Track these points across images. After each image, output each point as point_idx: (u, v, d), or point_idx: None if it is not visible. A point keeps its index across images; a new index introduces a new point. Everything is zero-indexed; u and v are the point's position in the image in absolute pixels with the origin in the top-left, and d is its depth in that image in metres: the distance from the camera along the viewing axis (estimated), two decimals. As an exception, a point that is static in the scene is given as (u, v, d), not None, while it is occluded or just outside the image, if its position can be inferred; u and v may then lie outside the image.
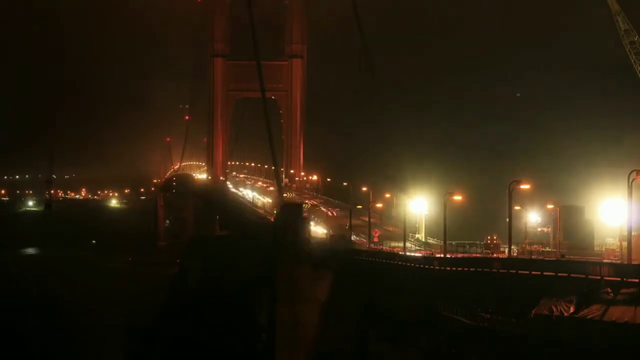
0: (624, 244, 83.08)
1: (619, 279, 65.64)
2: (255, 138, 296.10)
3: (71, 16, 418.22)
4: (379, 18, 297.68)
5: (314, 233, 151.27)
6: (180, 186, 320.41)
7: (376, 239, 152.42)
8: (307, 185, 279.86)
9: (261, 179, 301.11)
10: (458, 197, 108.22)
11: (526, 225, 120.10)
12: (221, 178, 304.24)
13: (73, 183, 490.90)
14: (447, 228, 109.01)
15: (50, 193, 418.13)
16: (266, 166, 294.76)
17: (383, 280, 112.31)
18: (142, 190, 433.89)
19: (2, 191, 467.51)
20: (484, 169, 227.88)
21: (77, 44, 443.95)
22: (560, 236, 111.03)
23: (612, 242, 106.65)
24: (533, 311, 72.40)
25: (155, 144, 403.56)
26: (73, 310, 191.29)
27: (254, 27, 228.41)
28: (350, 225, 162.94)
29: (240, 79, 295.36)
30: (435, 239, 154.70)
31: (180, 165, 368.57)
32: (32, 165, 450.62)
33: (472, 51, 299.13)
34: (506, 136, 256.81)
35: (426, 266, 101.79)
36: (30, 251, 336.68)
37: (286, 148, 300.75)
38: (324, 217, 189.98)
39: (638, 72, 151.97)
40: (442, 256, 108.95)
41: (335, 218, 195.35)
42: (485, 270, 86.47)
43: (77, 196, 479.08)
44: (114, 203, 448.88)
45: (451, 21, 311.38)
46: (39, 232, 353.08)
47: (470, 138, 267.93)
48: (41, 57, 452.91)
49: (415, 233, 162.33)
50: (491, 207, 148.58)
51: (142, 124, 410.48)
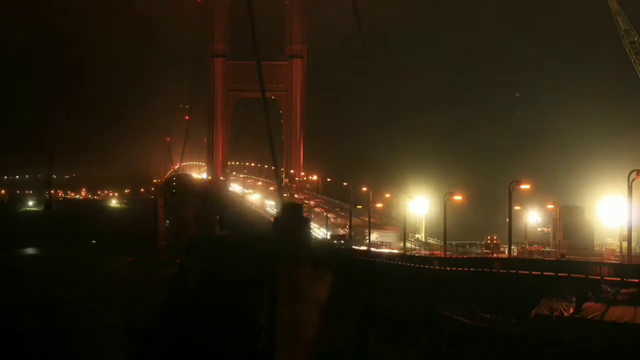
0: (624, 244, 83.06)
1: (619, 279, 65.57)
2: (255, 138, 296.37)
3: (71, 16, 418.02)
4: (379, 16, 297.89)
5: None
6: (180, 186, 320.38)
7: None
8: (307, 185, 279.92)
9: (261, 179, 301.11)
10: (458, 197, 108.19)
11: (526, 225, 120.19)
12: (221, 178, 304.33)
13: (73, 183, 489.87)
14: (447, 228, 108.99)
15: (50, 193, 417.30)
16: (266, 166, 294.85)
17: (383, 280, 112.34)
18: (142, 190, 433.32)
19: (2, 191, 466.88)
20: (484, 169, 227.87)
21: (77, 44, 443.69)
22: (560, 236, 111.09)
23: (612, 242, 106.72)
24: (533, 311, 72.33)
25: (155, 144, 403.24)
26: (73, 310, 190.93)
27: (254, 27, 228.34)
28: (350, 225, 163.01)
29: (240, 79, 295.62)
30: (435, 239, 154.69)
31: (180, 165, 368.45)
32: (32, 165, 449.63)
33: (472, 51, 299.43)
34: (506, 136, 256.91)
35: (426, 266, 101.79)
36: (30, 251, 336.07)
37: (286, 148, 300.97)
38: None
39: (638, 72, 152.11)
40: (442, 255, 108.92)
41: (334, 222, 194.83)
42: (485, 270, 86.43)
43: (77, 196, 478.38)
44: (114, 203, 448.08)
45: (451, 19, 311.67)
46: (39, 232, 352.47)
47: (470, 138, 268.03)
48: (41, 57, 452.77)
49: (415, 233, 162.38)
50: (491, 207, 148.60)
51: (142, 124, 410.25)
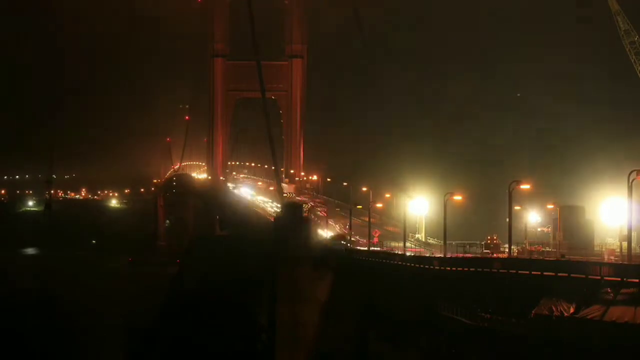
0: (624, 244, 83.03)
1: (619, 279, 65.52)
2: (255, 138, 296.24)
3: (71, 16, 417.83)
4: (379, 16, 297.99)
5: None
6: (180, 186, 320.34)
7: (376, 239, 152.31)
8: (307, 185, 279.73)
9: (261, 179, 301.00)
10: (458, 197, 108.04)
11: (526, 225, 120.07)
12: (221, 178, 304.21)
13: (73, 183, 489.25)
14: (447, 228, 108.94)
15: (50, 193, 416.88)
16: (266, 166, 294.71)
17: (383, 280, 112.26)
18: (142, 190, 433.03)
19: (2, 191, 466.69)
20: (484, 169, 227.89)
21: (77, 44, 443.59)
22: (560, 236, 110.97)
23: (612, 242, 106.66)
24: (533, 311, 72.27)
25: (155, 144, 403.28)
26: (73, 310, 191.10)
27: (254, 27, 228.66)
28: (350, 225, 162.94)
29: (240, 79, 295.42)
30: (435, 239, 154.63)
31: (180, 165, 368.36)
32: (32, 165, 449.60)
33: (472, 51, 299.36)
34: (506, 136, 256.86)
35: (426, 266, 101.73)
36: (30, 251, 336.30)
37: (286, 148, 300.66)
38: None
39: (638, 72, 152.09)
40: (442, 256, 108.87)
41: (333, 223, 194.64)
42: (485, 270, 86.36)
43: (77, 196, 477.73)
44: (114, 203, 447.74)
45: (450, 20, 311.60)
46: (39, 232, 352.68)
47: (470, 138, 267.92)
48: (41, 57, 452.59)
49: (415, 233, 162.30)
50: (491, 207, 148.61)
51: (142, 124, 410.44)
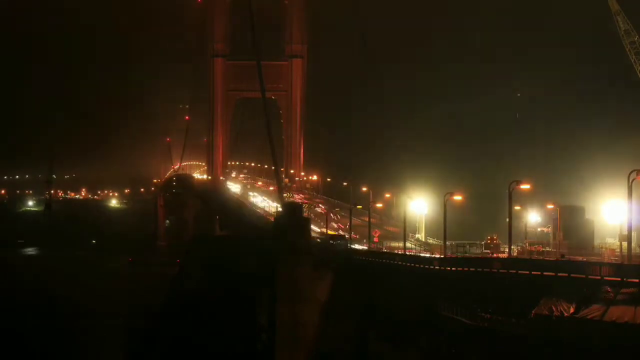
0: (624, 244, 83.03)
1: (619, 279, 65.56)
2: (255, 138, 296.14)
3: (71, 16, 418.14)
4: (380, 16, 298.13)
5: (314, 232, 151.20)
6: (180, 186, 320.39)
7: (376, 239, 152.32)
8: (307, 185, 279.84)
9: (261, 179, 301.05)
10: (458, 197, 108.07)
11: (526, 225, 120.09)
12: (221, 178, 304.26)
13: (73, 183, 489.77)
14: (447, 228, 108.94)
15: (50, 193, 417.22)
16: (266, 166, 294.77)
17: (383, 280, 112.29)
18: (142, 190, 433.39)
19: (2, 191, 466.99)
20: (484, 169, 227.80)
21: (77, 44, 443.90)
22: (560, 236, 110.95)
23: (612, 242, 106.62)
24: (533, 311, 72.29)
25: (155, 144, 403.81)
26: (73, 310, 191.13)
27: (254, 27, 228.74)
28: (350, 225, 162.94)
29: (240, 79, 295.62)
30: (435, 239, 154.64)
31: (180, 165, 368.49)
32: (32, 165, 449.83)
33: (472, 51, 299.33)
34: (506, 136, 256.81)
35: (426, 266, 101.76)
36: (30, 251, 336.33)
37: (286, 148, 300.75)
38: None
39: (638, 72, 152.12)
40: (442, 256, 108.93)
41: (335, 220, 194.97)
42: (485, 270, 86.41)
43: (77, 196, 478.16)
44: (114, 203, 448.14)
45: (451, 21, 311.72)
46: (39, 232, 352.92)
47: (470, 138, 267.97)
48: (41, 57, 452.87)
49: (415, 233, 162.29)
50: (491, 207, 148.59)
51: (142, 124, 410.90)
